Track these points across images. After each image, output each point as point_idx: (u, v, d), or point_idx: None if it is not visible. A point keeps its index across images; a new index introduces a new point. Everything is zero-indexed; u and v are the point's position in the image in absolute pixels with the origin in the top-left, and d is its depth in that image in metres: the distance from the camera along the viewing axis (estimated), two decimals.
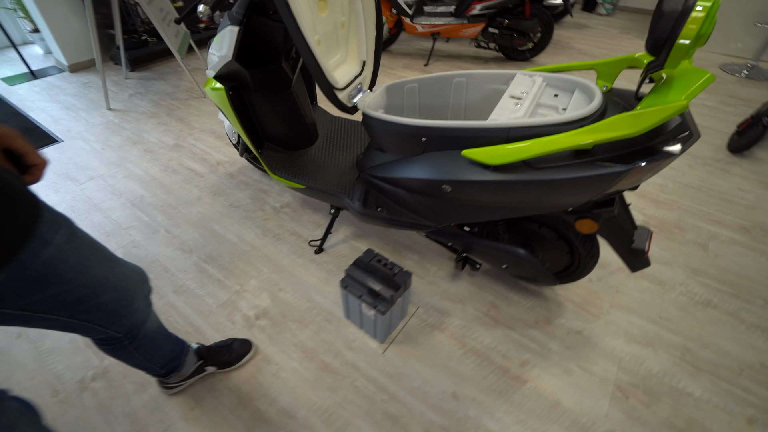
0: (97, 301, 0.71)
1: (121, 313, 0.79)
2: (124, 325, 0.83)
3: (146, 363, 1.02)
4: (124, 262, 0.80)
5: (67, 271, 0.64)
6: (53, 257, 0.61)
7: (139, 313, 0.85)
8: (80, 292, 0.67)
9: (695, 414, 1.18)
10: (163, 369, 1.09)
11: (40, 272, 0.60)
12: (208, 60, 1.42)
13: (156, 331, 0.99)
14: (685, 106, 0.74)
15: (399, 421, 1.16)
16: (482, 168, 0.98)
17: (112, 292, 0.74)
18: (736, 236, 1.77)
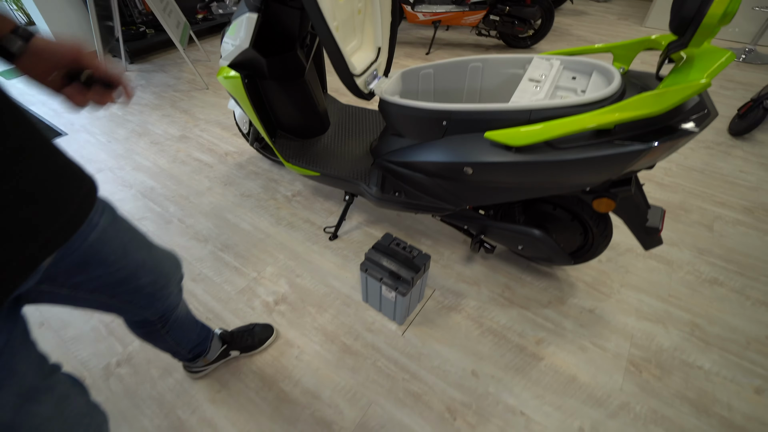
0: (136, 283, 0.73)
1: (157, 296, 0.81)
2: (159, 308, 0.85)
3: (175, 347, 1.04)
4: (159, 247, 0.82)
5: (110, 253, 0.65)
6: (98, 240, 0.62)
7: (172, 297, 0.88)
8: (121, 275, 0.69)
9: (705, 386, 1.22)
10: (191, 353, 1.11)
11: (87, 254, 0.61)
12: (222, 48, 1.42)
13: (185, 316, 1.01)
14: (708, 84, 0.77)
15: (421, 398, 1.20)
16: (505, 149, 1.00)
17: (150, 275, 0.75)
18: (740, 217, 1.82)
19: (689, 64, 0.85)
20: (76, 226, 0.52)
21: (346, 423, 1.14)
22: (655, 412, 1.16)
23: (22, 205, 0.43)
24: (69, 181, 0.51)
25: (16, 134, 0.43)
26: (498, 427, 1.13)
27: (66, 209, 0.50)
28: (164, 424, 1.15)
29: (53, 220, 0.48)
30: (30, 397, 0.50)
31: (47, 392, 0.53)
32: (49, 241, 0.48)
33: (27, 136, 0.45)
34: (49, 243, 0.48)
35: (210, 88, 2.91)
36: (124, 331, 1.37)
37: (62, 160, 0.51)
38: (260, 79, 1.44)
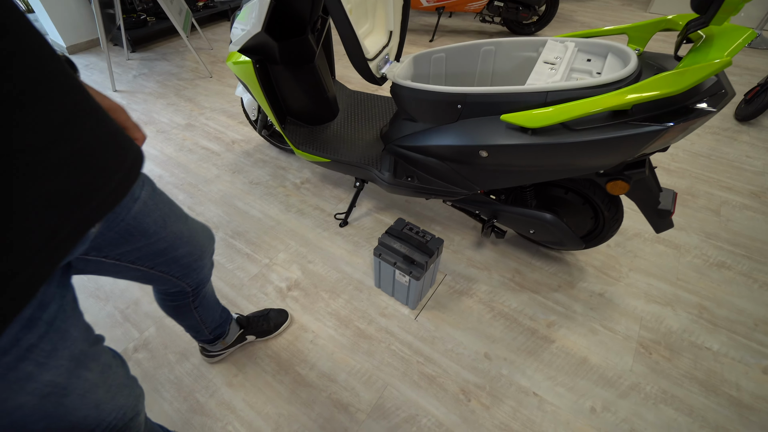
0: (174, 254, 0.75)
1: (193, 267, 0.83)
2: (195, 279, 0.88)
3: (200, 324, 1.06)
4: (194, 220, 0.84)
5: (151, 225, 0.67)
6: (140, 211, 0.64)
7: (206, 270, 0.90)
8: (161, 246, 0.71)
9: (714, 366, 1.24)
10: (212, 334, 1.13)
11: (130, 225, 0.63)
12: (231, 33, 1.41)
13: (211, 294, 1.04)
14: (729, 62, 0.77)
15: (436, 380, 1.22)
16: (521, 132, 1.01)
17: (187, 246, 0.78)
18: (747, 201, 1.82)
19: (709, 43, 0.85)
20: (124, 192, 0.53)
21: (363, 405, 1.16)
22: (665, 392, 1.18)
23: (75, 171, 0.44)
24: (118, 148, 0.52)
25: (69, 99, 0.43)
26: (511, 408, 1.15)
27: (115, 176, 0.50)
28: (183, 407, 1.17)
29: (103, 186, 0.48)
30: (80, 362, 0.52)
31: (94, 359, 0.55)
32: (98, 207, 0.48)
33: (79, 102, 0.45)
34: (98, 209, 0.48)
35: (214, 76, 2.89)
36: (139, 317, 1.38)
37: (112, 127, 0.51)
38: (270, 64, 1.43)
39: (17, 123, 0.37)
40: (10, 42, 0.36)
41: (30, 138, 0.38)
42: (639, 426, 1.11)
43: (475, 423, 1.12)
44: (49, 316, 0.46)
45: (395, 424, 1.12)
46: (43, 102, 0.39)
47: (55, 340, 0.47)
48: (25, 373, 0.44)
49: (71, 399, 0.52)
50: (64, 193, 0.42)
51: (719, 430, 1.10)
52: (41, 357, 0.46)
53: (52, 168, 0.40)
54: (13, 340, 0.42)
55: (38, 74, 0.39)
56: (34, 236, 0.39)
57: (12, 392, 0.44)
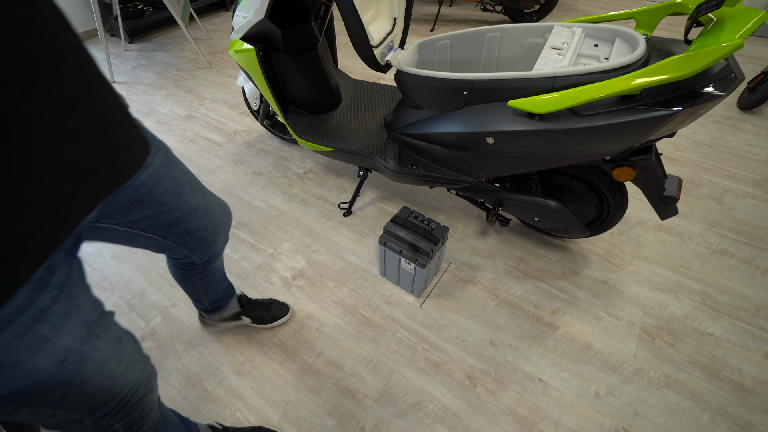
0: (188, 226, 0.75)
1: (206, 241, 0.83)
2: (206, 254, 0.88)
3: (201, 295, 1.08)
4: (212, 194, 0.84)
5: (163, 193, 0.67)
6: (150, 179, 0.64)
7: (219, 245, 0.90)
8: (174, 216, 0.71)
9: (716, 351, 1.26)
10: (212, 305, 1.15)
11: (140, 192, 0.63)
12: (233, 21, 1.39)
13: (219, 269, 1.05)
14: (740, 45, 0.76)
15: (442, 367, 1.23)
16: (528, 118, 1.00)
17: (201, 219, 0.78)
18: (749, 189, 1.83)
19: (719, 25, 0.84)
20: (137, 166, 0.54)
21: (370, 391, 1.17)
22: (668, 376, 1.20)
23: (90, 141, 0.45)
24: (130, 123, 0.53)
25: (84, 70, 0.44)
26: (517, 393, 1.16)
27: (128, 149, 0.52)
28: (191, 395, 1.17)
29: (116, 158, 0.49)
30: (92, 330, 0.54)
31: (105, 330, 0.57)
32: (111, 180, 0.49)
33: (93, 74, 0.46)
34: (111, 181, 0.49)
35: (213, 66, 2.86)
36: (145, 307, 1.39)
37: (121, 105, 0.52)
38: (273, 52, 1.42)
39: (35, 89, 0.37)
40: (27, 10, 0.37)
41: (47, 105, 0.39)
42: (642, 410, 1.13)
43: (481, 408, 1.13)
44: (59, 280, 0.48)
45: (402, 410, 1.13)
46: (59, 70, 0.40)
47: (67, 305, 0.49)
48: (41, 335, 0.46)
49: (87, 368, 0.53)
50: (79, 162, 0.43)
51: (721, 413, 1.12)
52: (56, 320, 0.47)
53: (67, 136, 0.41)
54: (28, 300, 0.44)
55: (55, 43, 0.40)
56: (49, 202, 0.41)
57: (30, 354, 0.45)
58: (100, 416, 0.59)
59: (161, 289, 1.43)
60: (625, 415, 1.12)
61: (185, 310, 1.37)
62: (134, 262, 1.53)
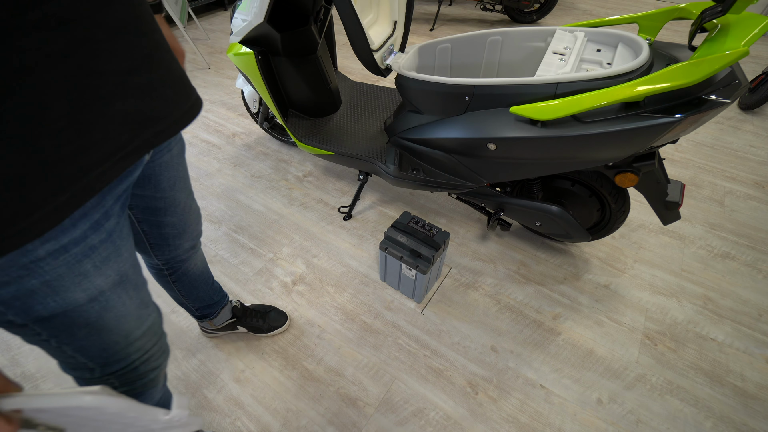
0: (162, 219, 0.77)
1: (169, 241, 0.84)
2: (165, 256, 0.88)
3: (182, 299, 1.07)
4: (194, 200, 0.86)
5: (164, 180, 0.70)
6: (165, 163, 0.68)
7: (180, 251, 0.90)
8: (159, 204, 0.73)
9: (719, 357, 1.25)
10: (198, 312, 1.15)
11: (153, 171, 0.67)
12: (232, 24, 1.37)
13: (198, 274, 1.04)
14: (746, 53, 0.75)
15: (443, 374, 1.22)
16: (530, 124, 0.99)
17: (175, 216, 0.79)
18: (750, 191, 1.82)
19: (724, 32, 0.83)
20: (185, 123, 0.59)
21: (371, 399, 1.16)
22: (671, 382, 1.19)
23: (151, 96, 0.51)
24: (185, 85, 0.58)
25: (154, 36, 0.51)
26: (519, 400, 1.16)
27: (179, 107, 0.57)
28: (191, 403, 1.17)
29: (169, 114, 0.55)
30: (123, 281, 0.58)
31: (135, 288, 0.62)
32: (163, 132, 0.54)
33: (161, 40, 0.53)
34: (162, 133, 0.54)
35: (212, 67, 2.85)
36: None
37: (181, 69, 0.59)
38: (273, 55, 1.41)
39: (115, 49, 0.44)
40: None
41: (122, 63, 0.46)
42: (645, 417, 1.12)
43: (483, 416, 1.13)
44: (110, 227, 0.53)
45: (403, 418, 1.12)
46: (134, 35, 0.47)
47: (110, 250, 0.54)
48: (85, 269, 0.51)
49: (110, 316, 0.57)
50: (139, 114, 0.50)
51: (724, 419, 1.11)
52: (98, 260, 0.52)
53: (134, 90, 0.48)
54: (83, 236, 0.49)
55: (134, 12, 0.47)
56: (110, 144, 0.47)
57: (72, 284, 0.50)
58: (109, 372, 0.64)
59: (160, 294, 1.42)
60: (627, 422, 1.11)
61: (185, 316, 1.36)
62: None
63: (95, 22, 0.42)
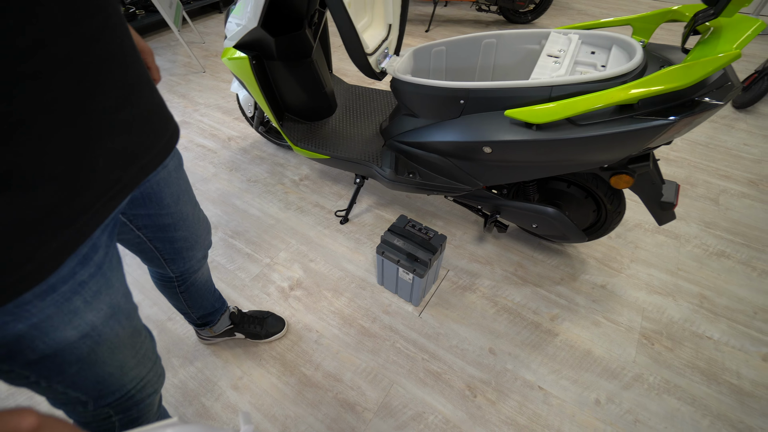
0: (173, 234, 0.76)
1: (183, 254, 0.84)
2: (180, 268, 0.88)
3: (186, 309, 1.07)
4: (201, 210, 0.85)
5: (167, 196, 0.69)
6: (163, 179, 0.67)
7: (194, 261, 0.90)
8: (167, 220, 0.72)
9: (715, 355, 1.26)
10: (200, 320, 1.15)
11: (153, 189, 0.66)
12: (226, 29, 1.37)
13: (204, 283, 1.04)
14: (738, 55, 0.76)
15: (441, 377, 1.22)
16: (525, 127, 0.99)
17: (186, 230, 0.79)
18: (745, 189, 1.83)
19: (717, 34, 0.83)
20: (168, 152, 0.59)
21: (370, 404, 1.16)
22: (668, 381, 1.20)
23: (135, 131, 0.50)
24: (165, 114, 0.59)
25: (135, 70, 0.50)
26: (517, 402, 1.16)
27: (162, 137, 0.57)
28: (189, 412, 1.16)
29: (153, 146, 0.55)
30: (116, 313, 0.57)
31: (127, 317, 0.60)
32: (149, 164, 0.55)
33: (142, 73, 0.52)
34: (148, 165, 0.55)
35: (207, 71, 2.83)
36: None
37: (160, 97, 0.58)
38: (267, 59, 1.40)
39: (101, 87, 0.44)
40: (104, 19, 0.43)
41: (106, 100, 0.45)
42: (643, 417, 1.12)
43: (482, 419, 1.13)
44: (99, 259, 0.52)
45: (402, 422, 1.12)
46: (119, 70, 0.47)
47: (100, 283, 0.52)
48: (75, 306, 0.49)
49: (102, 349, 0.56)
50: (124, 150, 0.49)
51: (721, 417, 1.12)
52: (88, 295, 0.51)
53: (119, 127, 0.47)
54: (71, 273, 0.47)
55: (118, 46, 0.46)
56: (100, 183, 0.46)
57: (62, 323, 0.48)
58: (103, 404, 0.62)
59: (156, 302, 1.42)
60: (625, 422, 1.12)
61: (181, 324, 1.36)
62: (129, 275, 1.51)
63: (86, 62, 0.41)
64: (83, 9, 0.40)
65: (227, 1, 3.78)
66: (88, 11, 0.41)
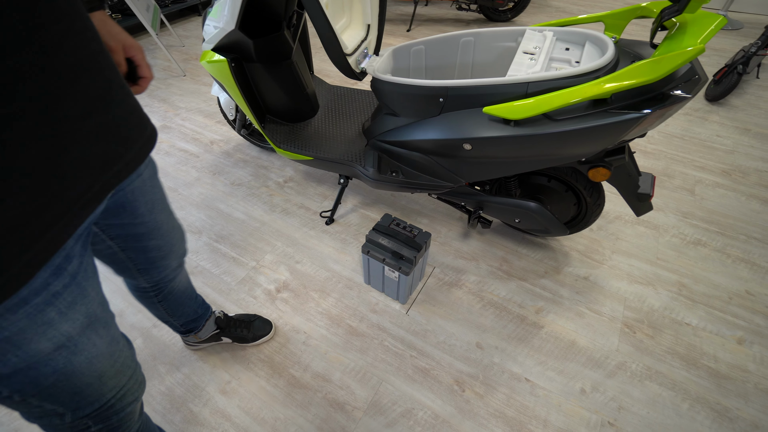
0: (147, 243, 0.75)
1: (156, 264, 0.82)
2: (154, 278, 0.87)
3: (167, 317, 1.06)
4: (176, 218, 0.84)
5: (141, 205, 0.68)
6: (137, 188, 0.66)
7: (168, 270, 0.89)
8: (140, 230, 0.71)
9: (694, 341, 1.30)
10: (183, 327, 1.13)
11: (126, 199, 0.64)
12: (204, 31, 1.36)
13: (183, 291, 1.03)
14: (702, 50, 0.78)
15: (430, 373, 1.23)
16: (504, 123, 1.01)
17: (160, 239, 0.78)
18: (718, 179, 1.89)
19: (682, 30, 0.86)
20: (141, 160, 0.58)
21: (359, 403, 1.17)
22: (650, 368, 1.23)
23: (106, 138, 0.49)
24: (139, 121, 0.57)
25: (105, 76, 0.49)
26: (505, 395, 1.18)
27: (135, 145, 0.56)
28: (177, 419, 1.15)
29: (125, 153, 0.54)
30: (92, 323, 0.56)
31: (105, 327, 0.59)
32: (121, 172, 0.53)
33: (113, 78, 0.51)
34: (121, 173, 0.53)
35: (187, 74, 2.80)
36: (125, 329, 1.35)
37: (135, 101, 0.56)
38: (246, 62, 1.39)
39: (68, 95, 0.42)
40: (67, 25, 0.42)
41: (73, 108, 0.44)
42: (626, 403, 1.15)
43: (471, 412, 1.14)
44: (73, 269, 0.51)
45: (392, 420, 1.13)
46: (86, 77, 0.45)
47: (75, 294, 0.51)
48: (48, 318, 0.48)
49: (79, 360, 0.55)
50: (97, 157, 0.48)
51: (700, 400, 1.16)
52: (63, 306, 0.50)
53: (87, 135, 0.46)
54: (44, 284, 0.47)
55: (84, 53, 0.45)
56: (70, 193, 0.45)
57: (36, 335, 0.47)
58: (81, 416, 0.61)
59: (141, 309, 1.39)
60: (610, 409, 1.14)
61: (167, 330, 1.34)
62: (112, 283, 1.49)
63: (51, 69, 0.40)
64: (45, 15, 0.39)
65: (206, 4, 3.73)
66: (50, 17, 0.40)
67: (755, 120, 2.27)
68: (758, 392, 1.17)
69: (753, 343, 1.29)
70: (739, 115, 2.31)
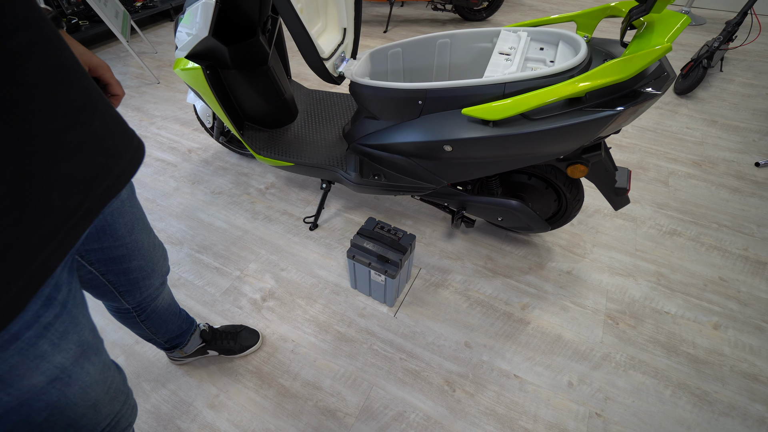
0: (128, 265, 0.73)
1: (139, 284, 0.80)
2: (136, 298, 0.85)
3: (151, 335, 1.03)
4: (156, 236, 0.82)
5: (121, 227, 0.67)
6: (117, 210, 0.64)
7: (151, 290, 0.87)
8: (121, 252, 0.70)
9: (673, 328, 1.34)
10: (168, 344, 1.10)
11: (106, 222, 0.63)
12: (176, 38, 1.33)
13: (166, 307, 1.00)
14: (669, 48, 0.81)
15: (420, 375, 1.23)
16: (482, 124, 1.02)
17: (141, 259, 0.76)
18: (690, 170, 1.96)
19: (650, 29, 0.89)
20: (131, 174, 0.54)
21: (351, 409, 1.16)
22: (633, 358, 1.26)
23: (90, 153, 0.46)
24: (124, 132, 0.53)
25: (82, 86, 0.45)
26: (495, 393, 1.19)
27: (123, 158, 0.52)
28: None
29: (114, 167, 0.50)
30: (85, 351, 0.54)
31: (96, 353, 0.57)
32: (110, 188, 0.50)
33: (91, 88, 0.47)
34: (110, 189, 0.50)
35: (161, 81, 2.73)
36: (106, 346, 1.29)
37: (116, 113, 0.53)
38: (222, 68, 1.37)
39: (40, 109, 0.39)
40: (33, 33, 0.38)
41: (51, 124, 0.40)
42: (612, 393, 1.18)
43: (462, 412, 1.15)
44: (63, 297, 0.49)
45: (384, 424, 1.13)
46: (60, 89, 0.42)
47: (66, 323, 0.49)
48: (41, 351, 0.46)
49: (73, 390, 0.53)
50: (81, 175, 0.45)
51: (681, 386, 1.19)
52: (55, 337, 0.48)
53: (69, 151, 0.43)
54: (35, 316, 0.44)
55: (56, 62, 0.42)
56: (56, 214, 0.42)
57: (28, 370, 0.45)
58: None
59: (122, 326, 1.35)
60: (596, 400, 1.17)
61: (150, 346, 1.30)
62: (91, 300, 1.44)
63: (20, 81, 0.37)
64: (7, 23, 0.36)
65: (177, 9, 3.65)
66: (12, 25, 0.37)
67: (721, 112, 2.36)
68: (734, 375, 1.21)
69: (728, 328, 1.33)
70: (706, 108, 2.40)
